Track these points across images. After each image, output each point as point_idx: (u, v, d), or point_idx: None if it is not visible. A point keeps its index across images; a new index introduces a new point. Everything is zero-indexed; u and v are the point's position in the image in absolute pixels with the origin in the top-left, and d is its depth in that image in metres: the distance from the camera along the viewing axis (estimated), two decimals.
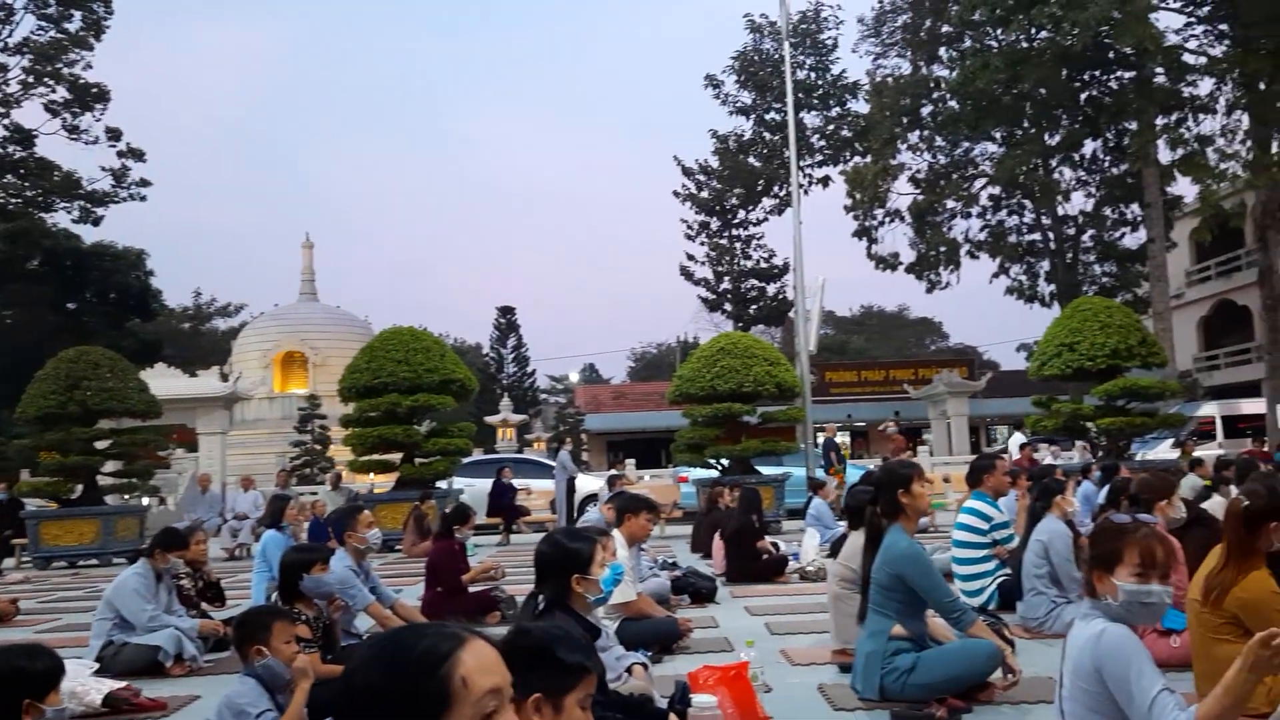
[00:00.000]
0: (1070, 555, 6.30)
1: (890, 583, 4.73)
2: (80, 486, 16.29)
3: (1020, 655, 5.06)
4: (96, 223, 34.73)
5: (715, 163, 39.32)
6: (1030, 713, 4.64)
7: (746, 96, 38.68)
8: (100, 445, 16.56)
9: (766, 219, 39.74)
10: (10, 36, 32.33)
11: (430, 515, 13.96)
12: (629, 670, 4.45)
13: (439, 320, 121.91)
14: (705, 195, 39.70)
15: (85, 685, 5.42)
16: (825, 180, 37.95)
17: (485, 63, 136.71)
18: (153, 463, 17.60)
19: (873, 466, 14.23)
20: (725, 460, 16.42)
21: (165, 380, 24.83)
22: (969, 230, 33.73)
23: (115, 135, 33.53)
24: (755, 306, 39.80)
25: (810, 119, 37.85)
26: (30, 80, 32.30)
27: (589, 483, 19.25)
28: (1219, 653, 3.83)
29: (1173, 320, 28.63)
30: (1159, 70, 27.11)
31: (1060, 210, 32.46)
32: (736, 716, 4.28)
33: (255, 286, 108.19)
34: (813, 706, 4.96)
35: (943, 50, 33.04)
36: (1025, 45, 27.74)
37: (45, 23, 32.48)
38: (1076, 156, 32.03)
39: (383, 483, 18.52)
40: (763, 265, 39.83)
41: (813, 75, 38.10)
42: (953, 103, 31.05)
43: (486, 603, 8.05)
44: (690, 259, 40.01)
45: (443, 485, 17.11)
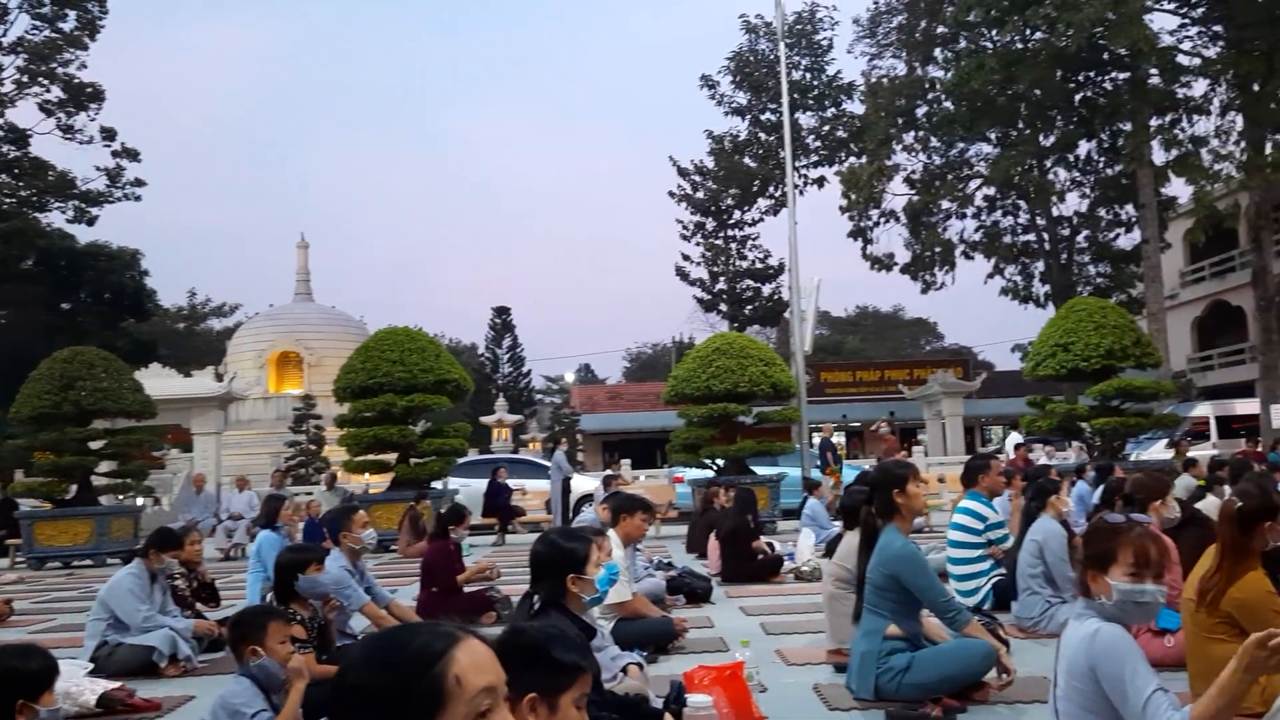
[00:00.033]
0: (1065, 555, 6.31)
1: (885, 583, 4.73)
2: (75, 487, 16.25)
3: (1015, 655, 5.07)
4: (91, 223, 34.65)
5: (711, 163, 39.37)
6: (1025, 712, 4.65)
7: (742, 97, 38.74)
8: (95, 445, 16.53)
9: (762, 219, 39.89)
10: (4, 36, 32.28)
11: (425, 515, 13.93)
12: (624, 670, 4.45)
13: (434, 320, 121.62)
14: (701, 196, 39.76)
15: (80, 685, 5.41)
16: (820, 181, 38.04)
17: (481, 63, 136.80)
18: (147, 463, 17.56)
19: (868, 467, 14.23)
20: (720, 460, 16.42)
21: (160, 380, 24.78)
22: (964, 231, 33.84)
23: (110, 135, 33.45)
24: (750, 307, 39.86)
25: (805, 120, 37.91)
26: (25, 80, 32.19)
27: (584, 483, 19.26)
28: (1214, 652, 3.84)
29: (1167, 321, 28.69)
30: (1153, 71, 27.16)
31: (1055, 211, 32.52)
32: (732, 716, 4.28)
33: (250, 287, 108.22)
34: (808, 706, 4.96)
35: (938, 51, 33.07)
36: (1020, 46, 27.78)
37: (40, 22, 32.37)
38: (1071, 157, 32.08)
39: (378, 483, 18.48)
40: (758, 266, 39.89)
41: (808, 76, 38.16)
42: (948, 103, 31.07)
43: (482, 603, 8.05)
44: (686, 259, 40.11)
45: (438, 485, 17.09)
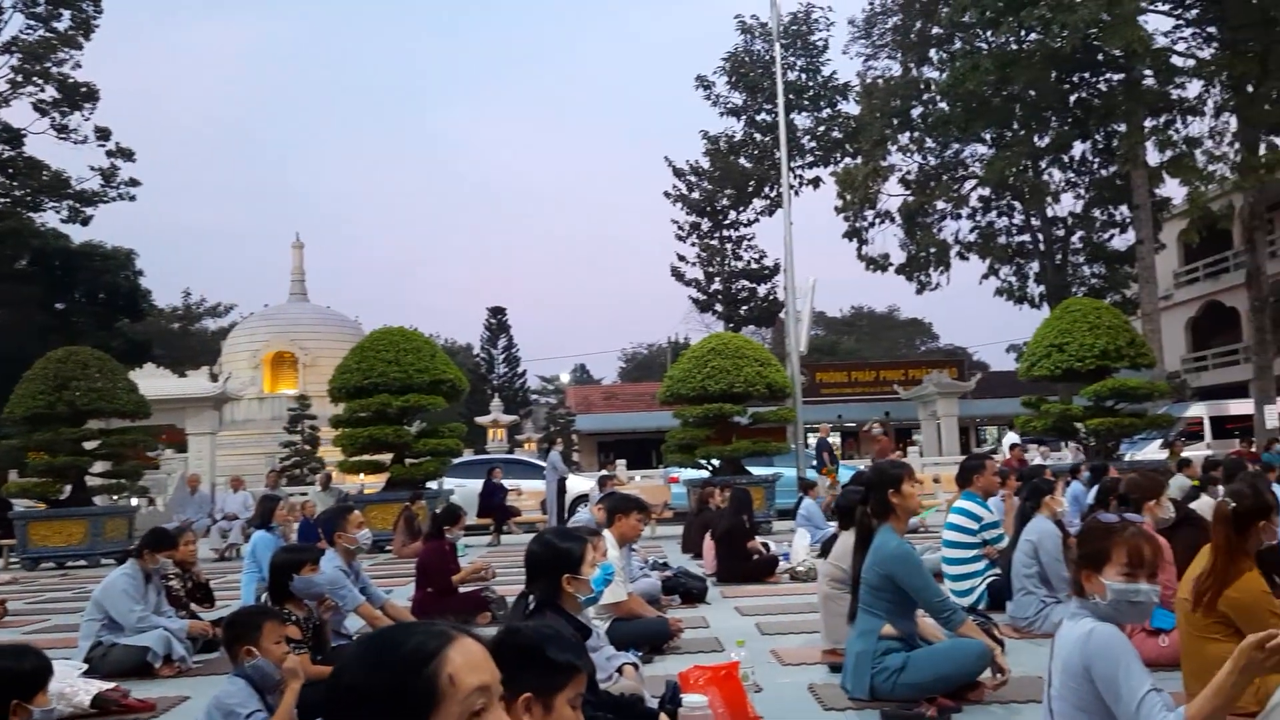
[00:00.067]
0: (1059, 555, 6.32)
1: (880, 583, 4.74)
2: (68, 487, 16.22)
3: (1010, 655, 5.07)
4: (85, 222, 34.59)
5: (706, 164, 39.38)
6: (1019, 712, 4.65)
7: (737, 97, 38.77)
8: (89, 446, 16.50)
9: (757, 220, 39.89)
10: None
11: (421, 516, 13.92)
12: (620, 670, 4.45)
13: (431, 321, 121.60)
14: (696, 196, 39.76)
15: (74, 686, 5.40)
16: (816, 181, 38.05)
17: (480, 63, 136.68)
18: (142, 463, 17.53)
19: (863, 467, 14.25)
20: (716, 461, 16.42)
21: (154, 380, 24.71)
22: (959, 231, 33.92)
23: (104, 135, 33.40)
24: (746, 307, 39.88)
25: (801, 120, 37.91)
26: (19, 79, 32.11)
27: (580, 483, 19.26)
28: (1209, 652, 3.84)
29: (1161, 321, 28.74)
30: (1147, 72, 27.21)
31: (1049, 212, 32.60)
32: (727, 716, 4.28)
33: (245, 287, 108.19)
34: (803, 706, 4.96)
35: (933, 52, 33.10)
36: (1015, 47, 27.81)
37: (34, 21, 32.29)
38: (1066, 158, 32.17)
39: (373, 483, 18.47)
40: (753, 266, 39.91)
41: (803, 76, 38.18)
42: (943, 104, 31.13)
43: (477, 603, 8.04)
44: (681, 260, 40.12)
45: (433, 486, 17.09)
